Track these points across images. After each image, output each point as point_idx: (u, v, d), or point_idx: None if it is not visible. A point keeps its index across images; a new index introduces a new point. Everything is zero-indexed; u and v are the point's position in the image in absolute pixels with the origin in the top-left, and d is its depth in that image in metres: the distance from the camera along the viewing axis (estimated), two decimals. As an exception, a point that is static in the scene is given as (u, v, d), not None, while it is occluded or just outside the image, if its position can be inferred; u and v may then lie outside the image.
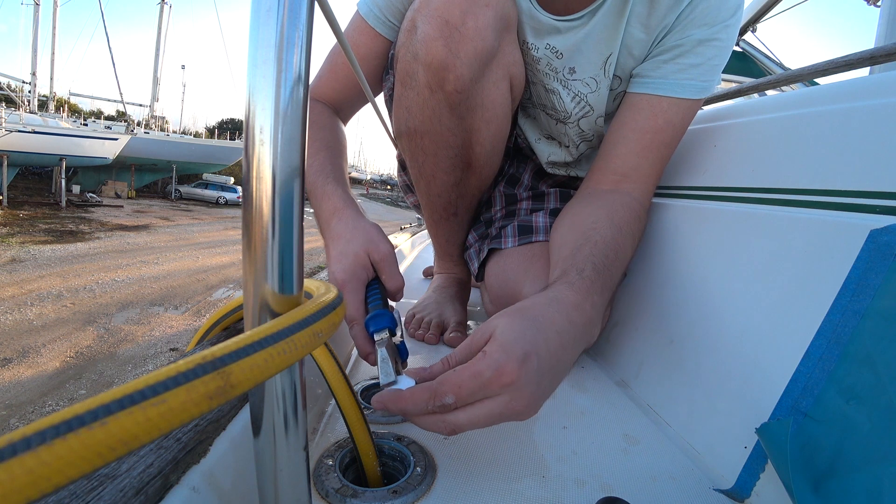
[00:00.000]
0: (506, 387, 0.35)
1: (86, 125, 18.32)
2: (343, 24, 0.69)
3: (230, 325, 0.53)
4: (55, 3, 17.69)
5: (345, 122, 0.77)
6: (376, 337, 0.45)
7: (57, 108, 21.03)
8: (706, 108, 1.03)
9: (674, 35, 0.61)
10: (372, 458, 0.39)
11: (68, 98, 28.81)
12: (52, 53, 18.41)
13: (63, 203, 12.50)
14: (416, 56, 0.58)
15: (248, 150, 0.21)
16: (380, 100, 0.75)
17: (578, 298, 0.45)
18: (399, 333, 0.49)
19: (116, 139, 14.18)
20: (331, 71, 0.73)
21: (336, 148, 0.68)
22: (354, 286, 0.51)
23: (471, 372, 0.36)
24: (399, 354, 0.46)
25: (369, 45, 0.69)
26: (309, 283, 0.26)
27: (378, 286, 0.53)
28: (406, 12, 0.62)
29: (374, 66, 0.71)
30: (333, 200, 0.59)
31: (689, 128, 0.71)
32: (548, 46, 0.65)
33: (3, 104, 14.25)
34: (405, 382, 0.40)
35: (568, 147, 0.77)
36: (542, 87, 0.71)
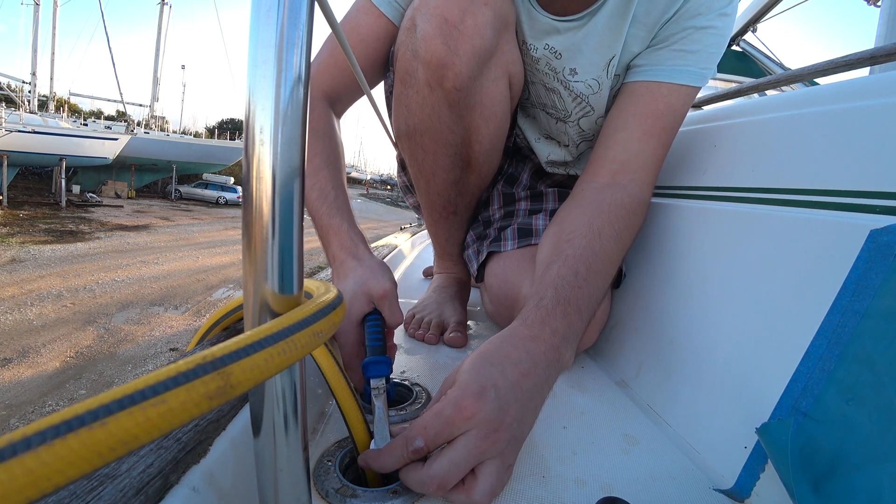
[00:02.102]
0: (468, 420, 0.36)
1: (86, 125, 18.32)
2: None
3: (230, 325, 0.54)
4: (55, 3, 17.70)
5: (341, 113, 0.74)
6: (373, 383, 0.45)
7: (57, 108, 21.03)
8: (706, 108, 1.03)
9: (670, 26, 0.61)
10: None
11: (68, 98, 28.79)
12: (52, 53, 18.41)
13: (63, 203, 12.50)
14: (416, 54, 0.58)
15: (248, 150, 0.21)
16: (379, 95, 0.75)
17: (533, 331, 0.45)
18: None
19: (116, 139, 14.18)
20: (330, 57, 0.70)
21: (336, 163, 0.66)
22: (347, 328, 0.51)
23: (433, 412, 0.38)
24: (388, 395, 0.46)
25: (372, 24, 0.66)
26: (309, 283, 0.26)
27: (379, 319, 0.52)
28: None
29: (375, 50, 0.68)
30: (340, 237, 0.59)
31: (689, 128, 0.71)
32: (546, 47, 0.65)
33: (3, 104, 14.25)
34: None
35: (567, 146, 0.77)
36: (542, 86, 0.71)
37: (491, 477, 0.37)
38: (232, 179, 20.29)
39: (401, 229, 2.31)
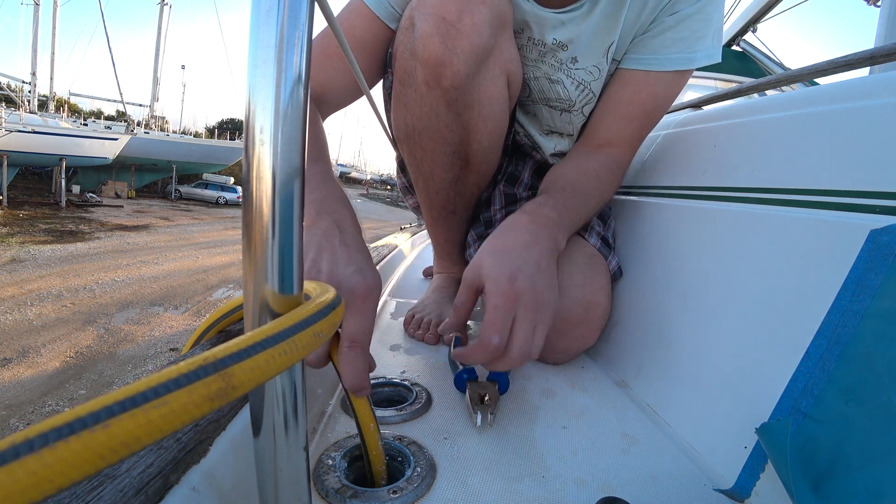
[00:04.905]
0: (515, 302, 0.47)
1: (86, 125, 18.30)
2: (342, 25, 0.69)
3: (228, 325, 0.53)
4: (55, 3, 17.69)
5: (327, 115, 0.71)
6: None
7: (57, 108, 20.98)
8: (706, 108, 1.03)
9: (664, 12, 0.64)
10: (379, 456, 0.39)
11: (68, 98, 28.72)
12: (52, 53, 18.38)
13: (63, 203, 12.50)
14: (414, 53, 0.58)
15: (248, 150, 0.21)
16: (377, 97, 0.75)
17: (532, 216, 0.56)
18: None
19: (116, 139, 14.17)
20: (322, 56, 0.67)
21: (315, 137, 0.62)
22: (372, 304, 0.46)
23: (491, 308, 0.47)
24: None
25: (366, 27, 0.66)
26: (307, 284, 0.26)
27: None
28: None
29: (370, 54, 0.68)
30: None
31: (689, 128, 0.71)
32: (554, 41, 0.66)
33: (3, 104, 14.23)
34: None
35: (571, 135, 0.78)
36: (546, 79, 0.72)
37: (539, 336, 0.48)
38: (232, 179, 20.27)
39: (401, 229, 2.31)
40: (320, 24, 0.24)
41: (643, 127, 0.70)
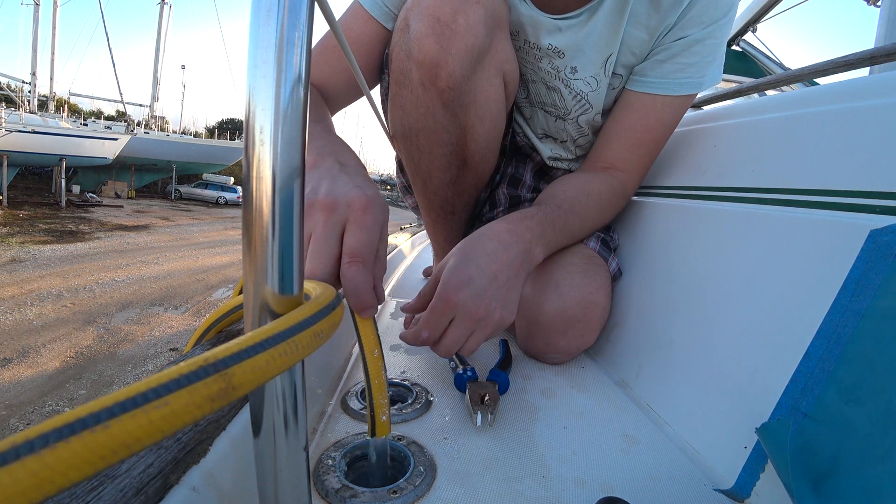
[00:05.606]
0: (454, 308, 0.48)
1: (86, 125, 18.30)
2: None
3: (228, 325, 0.53)
4: (55, 3, 17.69)
5: (331, 113, 0.71)
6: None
7: (57, 108, 20.98)
8: (706, 108, 1.03)
9: (673, 33, 0.62)
10: (382, 386, 0.37)
11: (68, 98, 28.74)
12: (52, 53, 18.39)
13: (63, 203, 12.50)
14: (410, 54, 0.58)
15: (248, 150, 0.21)
16: (377, 97, 0.75)
17: (510, 226, 0.55)
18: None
19: (116, 139, 14.18)
20: (321, 54, 0.69)
21: (317, 111, 0.61)
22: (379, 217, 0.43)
23: (429, 308, 0.49)
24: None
25: (362, 27, 0.67)
26: (307, 284, 0.26)
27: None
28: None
29: (366, 53, 0.68)
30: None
31: (689, 128, 0.72)
32: (550, 46, 0.66)
33: (3, 104, 14.21)
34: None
35: (566, 142, 0.78)
36: (543, 85, 0.71)
37: (473, 341, 0.51)
38: (232, 179, 20.28)
39: (401, 229, 2.31)
40: (320, 24, 0.24)
41: (651, 153, 0.70)
